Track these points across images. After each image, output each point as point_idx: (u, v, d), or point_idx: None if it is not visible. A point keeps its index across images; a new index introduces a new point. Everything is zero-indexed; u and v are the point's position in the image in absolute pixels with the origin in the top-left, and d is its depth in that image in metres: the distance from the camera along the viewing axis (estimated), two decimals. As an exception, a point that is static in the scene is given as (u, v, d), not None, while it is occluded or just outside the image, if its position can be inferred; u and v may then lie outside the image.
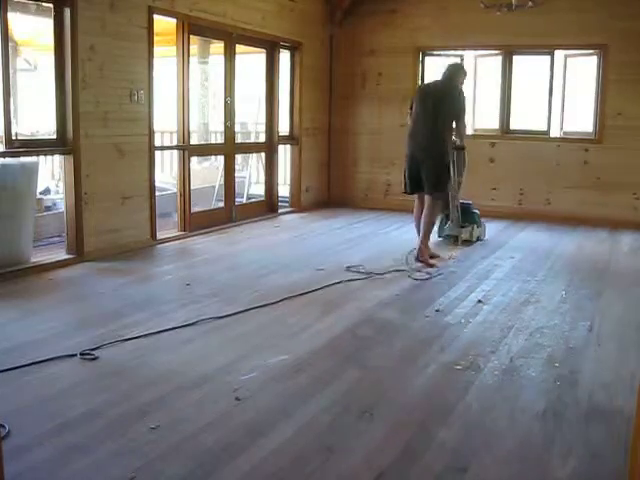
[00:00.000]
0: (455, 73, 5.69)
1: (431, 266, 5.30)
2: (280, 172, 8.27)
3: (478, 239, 6.42)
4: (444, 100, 5.48)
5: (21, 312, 3.97)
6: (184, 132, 6.37)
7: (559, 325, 3.92)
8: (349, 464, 2.33)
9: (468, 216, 6.36)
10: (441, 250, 5.90)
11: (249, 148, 8.55)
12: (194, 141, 7.84)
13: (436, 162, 5.47)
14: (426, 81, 5.73)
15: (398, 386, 3.03)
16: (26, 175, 4.89)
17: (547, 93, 7.83)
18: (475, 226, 6.38)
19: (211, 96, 8.97)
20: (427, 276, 5.02)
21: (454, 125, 5.55)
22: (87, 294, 4.42)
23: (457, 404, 2.82)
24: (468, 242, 6.25)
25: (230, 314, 3.96)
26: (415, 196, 5.76)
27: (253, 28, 7.12)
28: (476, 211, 6.46)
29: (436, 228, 6.07)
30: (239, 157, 8.62)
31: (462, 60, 8.10)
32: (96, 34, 5.17)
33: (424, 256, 5.42)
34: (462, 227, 6.27)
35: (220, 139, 7.61)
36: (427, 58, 8.37)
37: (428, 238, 5.57)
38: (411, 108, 5.75)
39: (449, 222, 6.32)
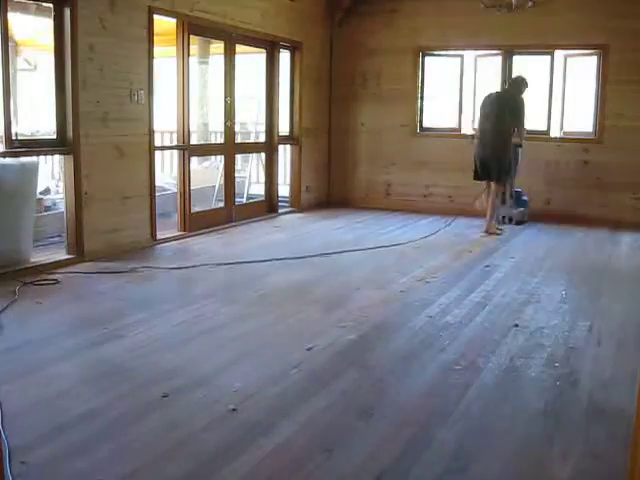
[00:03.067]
0: (519, 85, 6.91)
1: (498, 234, 6.91)
2: (280, 172, 8.27)
3: (525, 220, 7.53)
4: (508, 109, 6.74)
5: (21, 312, 3.97)
6: (184, 132, 6.37)
7: (559, 325, 3.92)
8: (349, 464, 2.33)
9: (520, 201, 7.53)
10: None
11: (249, 148, 8.54)
12: (194, 141, 7.84)
13: (503, 159, 6.81)
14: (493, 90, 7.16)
15: (398, 386, 3.03)
16: (26, 175, 4.89)
17: (547, 93, 7.83)
18: (525, 210, 7.54)
19: (211, 96, 8.97)
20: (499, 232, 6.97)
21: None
22: (87, 294, 4.42)
23: (457, 404, 2.82)
24: (520, 222, 7.40)
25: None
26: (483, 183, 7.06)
27: (253, 28, 7.12)
28: (525, 198, 7.58)
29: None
30: (239, 157, 8.61)
31: (462, 60, 8.15)
32: (96, 34, 5.18)
33: (492, 230, 6.94)
34: (515, 210, 7.45)
35: (220, 139, 7.61)
36: (427, 58, 8.37)
37: (494, 217, 7.04)
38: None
39: (504, 205, 7.43)
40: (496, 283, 4.87)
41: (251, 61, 8.39)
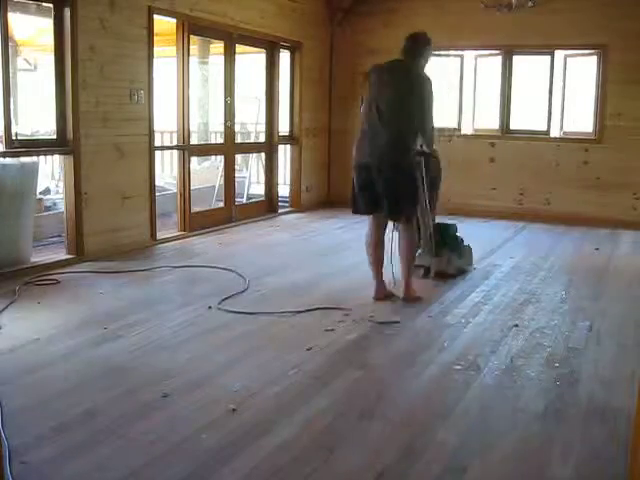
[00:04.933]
0: (422, 49, 4.44)
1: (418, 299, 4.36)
2: (280, 172, 8.27)
3: (460, 271, 4.98)
4: (413, 89, 4.19)
5: (21, 312, 3.97)
6: (184, 132, 6.37)
7: (559, 325, 3.92)
8: (349, 464, 2.33)
9: (445, 241, 4.96)
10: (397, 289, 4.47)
11: (249, 148, 8.54)
12: (194, 141, 7.84)
13: (405, 174, 4.16)
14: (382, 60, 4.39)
15: (398, 386, 3.03)
16: (26, 175, 4.89)
17: (547, 93, 7.84)
18: (455, 255, 4.95)
19: (211, 96, 8.98)
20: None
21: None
22: (87, 294, 4.42)
23: (457, 404, 2.82)
24: (443, 275, 4.85)
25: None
26: (368, 217, 4.41)
27: (253, 28, 7.12)
28: (458, 235, 5.12)
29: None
30: (239, 157, 8.61)
31: (462, 60, 8.14)
32: (96, 34, 5.17)
33: (413, 295, 4.37)
34: (436, 256, 4.87)
35: (220, 139, 7.61)
36: (427, 58, 8.36)
37: (412, 273, 4.46)
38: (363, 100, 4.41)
39: (419, 249, 4.80)
40: (496, 283, 4.86)
41: (251, 61, 8.39)
